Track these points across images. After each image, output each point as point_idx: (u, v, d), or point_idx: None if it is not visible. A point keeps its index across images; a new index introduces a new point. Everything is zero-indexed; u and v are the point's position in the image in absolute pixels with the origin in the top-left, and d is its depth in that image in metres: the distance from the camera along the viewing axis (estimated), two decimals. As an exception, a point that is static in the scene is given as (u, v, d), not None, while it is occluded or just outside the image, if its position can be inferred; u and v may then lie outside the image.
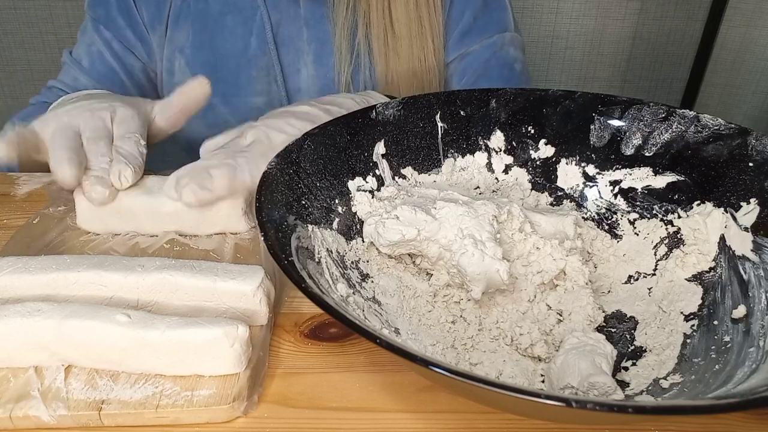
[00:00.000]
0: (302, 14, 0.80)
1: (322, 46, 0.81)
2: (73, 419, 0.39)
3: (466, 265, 0.44)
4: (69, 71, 0.82)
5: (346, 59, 0.79)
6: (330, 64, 0.81)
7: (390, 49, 0.79)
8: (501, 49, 0.83)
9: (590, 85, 1.73)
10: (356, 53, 0.80)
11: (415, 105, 0.56)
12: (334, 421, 0.41)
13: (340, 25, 0.78)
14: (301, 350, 0.46)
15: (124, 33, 0.81)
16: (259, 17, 0.80)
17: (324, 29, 0.80)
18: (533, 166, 0.58)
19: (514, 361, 0.44)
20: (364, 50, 0.79)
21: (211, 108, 0.83)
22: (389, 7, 0.77)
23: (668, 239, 0.51)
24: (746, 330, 0.41)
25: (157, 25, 0.81)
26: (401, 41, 0.79)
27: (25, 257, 0.47)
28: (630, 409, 0.28)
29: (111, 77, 0.81)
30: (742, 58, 1.70)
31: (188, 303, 0.46)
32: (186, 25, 0.81)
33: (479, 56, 0.83)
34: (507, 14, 0.85)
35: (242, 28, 0.80)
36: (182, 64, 0.82)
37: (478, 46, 0.83)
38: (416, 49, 0.79)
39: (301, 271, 0.38)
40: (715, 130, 0.50)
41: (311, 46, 0.81)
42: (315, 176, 0.49)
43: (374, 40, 0.79)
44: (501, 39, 0.83)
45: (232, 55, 0.81)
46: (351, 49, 0.79)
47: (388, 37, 0.79)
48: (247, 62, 0.81)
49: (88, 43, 0.81)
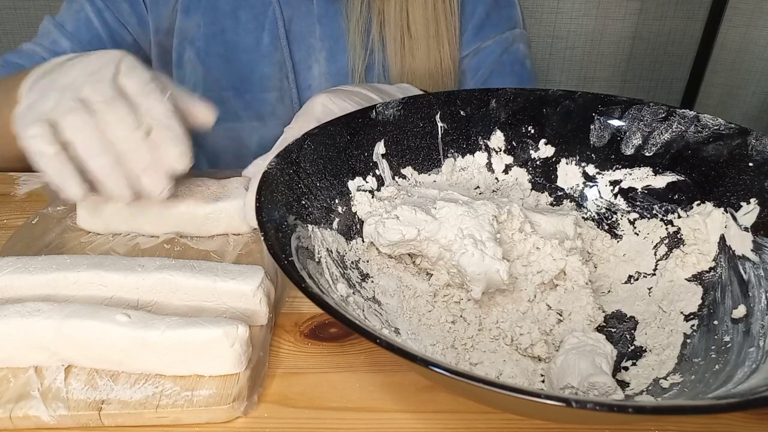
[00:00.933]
0: (315, 11, 0.79)
1: (335, 42, 0.80)
2: (73, 419, 0.39)
3: (466, 265, 0.44)
4: (48, 34, 0.76)
5: (360, 56, 0.79)
6: (343, 61, 0.81)
7: (406, 51, 0.79)
8: (512, 46, 0.84)
9: (590, 85, 1.73)
10: (370, 50, 0.79)
11: (415, 105, 0.56)
12: (334, 421, 0.41)
13: (354, 21, 0.78)
14: (301, 350, 0.46)
15: (119, 5, 0.78)
16: (272, 13, 0.79)
17: (337, 26, 0.80)
18: (533, 166, 0.58)
19: (514, 361, 0.44)
20: (378, 47, 0.79)
21: (222, 101, 0.82)
22: (407, 10, 0.77)
23: (668, 239, 0.51)
24: (746, 330, 0.41)
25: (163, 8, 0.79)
26: (418, 43, 0.79)
27: (25, 257, 0.47)
28: (630, 409, 0.28)
29: (95, 46, 0.76)
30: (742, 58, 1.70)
31: (188, 303, 0.46)
32: (197, 16, 0.80)
33: (492, 52, 0.83)
34: (516, 11, 0.85)
35: (254, 24, 0.80)
36: (192, 56, 0.81)
37: (492, 42, 0.83)
38: (432, 52, 0.79)
39: (301, 271, 0.38)
40: (715, 130, 0.50)
41: (324, 42, 0.80)
42: (315, 176, 0.49)
43: (390, 41, 0.78)
44: (512, 35, 0.84)
45: (244, 49, 0.80)
46: (365, 46, 0.79)
47: (404, 39, 0.78)
48: (261, 58, 0.81)
49: (76, 10, 0.77)
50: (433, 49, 0.79)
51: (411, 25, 0.78)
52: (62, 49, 0.75)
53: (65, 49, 0.75)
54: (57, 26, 0.77)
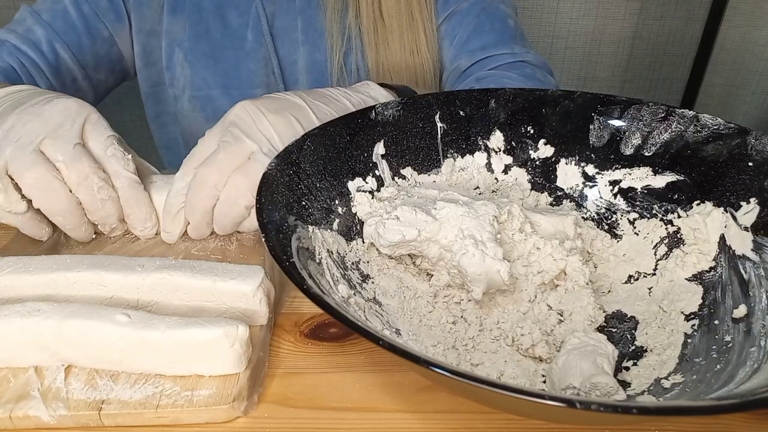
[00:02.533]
0: (297, 5, 0.80)
1: (316, 34, 0.81)
2: (73, 419, 0.39)
3: (467, 265, 0.44)
4: (23, 22, 0.75)
5: (337, 42, 0.79)
6: (323, 53, 0.81)
7: (381, 40, 0.78)
8: (490, 6, 0.81)
9: (590, 85, 1.73)
10: (347, 36, 0.79)
11: (415, 105, 0.56)
12: (334, 421, 0.41)
13: (330, 9, 0.78)
14: (301, 350, 0.46)
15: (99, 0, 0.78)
16: (254, 10, 0.80)
17: (317, 17, 0.80)
18: (533, 166, 0.58)
19: (515, 362, 0.43)
20: (355, 33, 0.79)
21: (210, 100, 0.83)
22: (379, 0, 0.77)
23: (668, 239, 0.51)
24: (747, 330, 0.41)
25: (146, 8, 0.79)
26: (392, 32, 0.78)
27: (25, 257, 0.47)
28: (634, 410, 0.28)
29: (70, 36, 0.76)
30: (742, 58, 1.70)
31: (188, 303, 0.46)
32: (182, 17, 0.80)
33: (468, 13, 0.80)
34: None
35: (238, 21, 0.80)
36: (181, 58, 0.81)
37: (466, 4, 0.81)
38: (408, 41, 0.79)
39: (302, 272, 0.38)
40: (714, 130, 0.50)
41: (306, 35, 0.81)
42: (315, 177, 0.49)
43: (364, 30, 0.78)
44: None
45: (230, 47, 0.81)
46: (342, 32, 0.79)
47: (378, 28, 0.78)
48: (246, 55, 0.81)
49: (53, 0, 0.77)
50: (408, 39, 0.78)
51: (384, 14, 0.77)
52: (36, 37, 0.75)
53: (39, 37, 0.75)
54: (32, 14, 0.76)
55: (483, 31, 0.80)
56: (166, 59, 0.82)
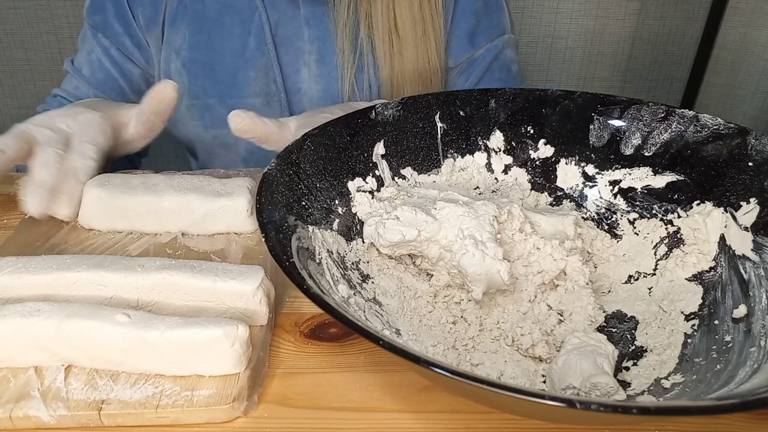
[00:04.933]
0: (302, 14, 0.80)
1: (324, 44, 0.80)
2: (73, 419, 0.39)
3: (467, 265, 0.44)
4: (71, 80, 0.83)
5: (348, 59, 0.79)
6: (333, 63, 0.81)
7: (395, 52, 0.79)
8: (501, 53, 0.85)
9: (590, 85, 1.73)
10: (359, 52, 0.79)
11: (415, 105, 0.56)
12: (334, 421, 0.41)
13: (341, 25, 0.78)
14: (301, 350, 0.46)
15: (121, 40, 0.81)
16: (258, 17, 0.79)
17: (325, 27, 0.80)
18: (533, 166, 0.58)
19: (515, 362, 0.43)
20: (367, 49, 0.79)
21: (208, 109, 0.83)
22: (394, 11, 0.77)
23: (668, 239, 0.51)
24: (747, 330, 0.41)
25: (153, 26, 0.81)
26: (406, 43, 0.79)
27: (25, 257, 0.47)
28: (634, 410, 0.28)
29: (111, 84, 0.82)
30: (742, 58, 1.70)
31: (188, 303, 0.46)
32: (183, 26, 0.80)
33: (483, 60, 0.84)
34: (505, 16, 0.86)
35: (240, 29, 0.80)
36: (178, 66, 0.81)
37: (483, 51, 0.84)
38: (420, 51, 0.80)
39: (302, 271, 0.38)
40: (714, 130, 0.50)
41: (313, 45, 0.80)
42: (315, 177, 0.49)
43: (378, 43, 0.78)
44: (501, 42, 0.85)
45: (230, 55, 0.81)
46: (354, 49, 0.79)
47: (392, 40, 0.79)
48: (245, 62, 0.81)
49: (88, 51, 0.82)
50: (421, 49, 0.80)
51: (398, 25, 0.78)
52: (84, 93, 0.81)
53: (86, 93, 0.81)
54: (76, 72, 0.83)
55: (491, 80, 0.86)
56: (164, 68, 0.83)
